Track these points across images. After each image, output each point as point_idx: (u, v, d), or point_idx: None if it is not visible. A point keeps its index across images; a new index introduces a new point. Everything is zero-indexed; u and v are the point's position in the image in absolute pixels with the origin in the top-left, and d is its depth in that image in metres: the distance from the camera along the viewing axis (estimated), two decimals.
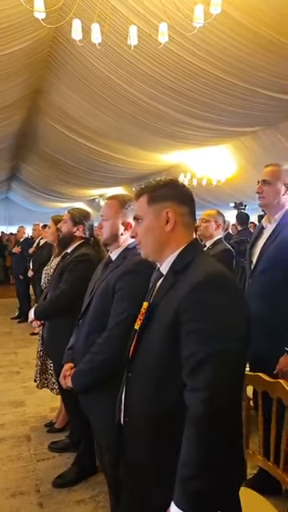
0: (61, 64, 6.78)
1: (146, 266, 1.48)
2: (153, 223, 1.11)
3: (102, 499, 2.16)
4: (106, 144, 9.25)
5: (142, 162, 9.98)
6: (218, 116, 6.66)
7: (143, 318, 1.06)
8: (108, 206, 1.59)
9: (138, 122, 7.60)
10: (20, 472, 2.40)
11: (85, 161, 10.60)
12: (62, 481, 2.27)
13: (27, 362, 4.25)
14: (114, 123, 7.91)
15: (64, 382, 1.61)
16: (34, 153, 11.64)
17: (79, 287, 2.16)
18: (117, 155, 9.77)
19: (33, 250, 5.52)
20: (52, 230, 2.78)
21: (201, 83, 5.72)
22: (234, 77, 5.31)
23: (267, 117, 6.61)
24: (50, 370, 2.76)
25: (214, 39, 4.64)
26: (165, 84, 6.00)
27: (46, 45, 6.35)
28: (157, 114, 7.10)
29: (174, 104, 6.58)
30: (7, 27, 5.10)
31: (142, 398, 1.03)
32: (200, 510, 0.90)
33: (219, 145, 8.57)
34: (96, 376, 1.45)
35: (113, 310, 1.45)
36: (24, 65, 6.50)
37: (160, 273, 1.14)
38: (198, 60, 5.16)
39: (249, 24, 4.24)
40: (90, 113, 7.83)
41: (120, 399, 1.16)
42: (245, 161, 8.60)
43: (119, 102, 7.02)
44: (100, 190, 14.51)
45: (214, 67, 5.21)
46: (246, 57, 4.81)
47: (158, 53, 5.24)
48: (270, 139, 7.49)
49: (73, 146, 9.82)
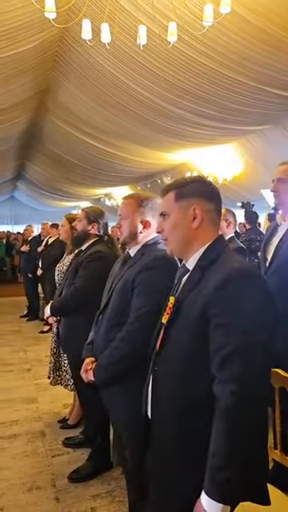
0: (68, 64, 6.80)
1: (163, 262, 1.51)
2: (179, 219, 1.12)
3: (117, 494, 2.19)
4: (113, 143, 9.27)
5: (148, 160, 9.99)
6: (226, 115, 6.65)
7: (171, 313, 1.07)
8: (125, 205, 1.61)
9: (145, 121, 7.62)
10: (36, 467, 2.43)
11: (91, 160, 10.64)
12: (77, 476, 2.29)
13: (38, 360, 4.29)
14: (121, 122, 7.93)
15: (85, 376, 1.63)
16: (40, 152, 11.69)
17: (94, 284, 2.20)
18: (123, 154, 9.79)
19: (42, 249, 5.56)
20: (66, 228, 2.81)
21: (209, 82, 5.72)
22: (242, 75, 5.30)
23: (275, 115, 6.59)
24: (64, 367, 2.79)
25: (223, 38, 4.65)
26: (172, 83, 6.01)
27: (54, 44, 6.38)
28: (164, 113, 7.11)
29: (182, 103, 6.58)
30: (17, 26, 5.14)
31: (170, 390, 1.05)
32: (230, 499, 0.92)
33: (226, 143, 8.56)
34: (117, 370, 1.47)
35: (132, 305, 1.47)
36: (32, 64, 6.54)
37: (186, 268, 1.15)
38: (205, 58, 5.16)
39: (258, 23, 4.24)
40: (97, 112, 7.85)
41: (146, 392, 1.18)
42: (251, 159, 8.59)
43: (126, 101, 7.04)
44: (106, 190, 14.54)
45: (222, 66, 5.21)
46: (254, 55, 4.80)
47: (166, 52, 5.24)
48: (277, 137, 7.47)
49: (79, 145, 9.85)
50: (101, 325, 1.61)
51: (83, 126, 8.75)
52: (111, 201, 14.63)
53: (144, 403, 1.20)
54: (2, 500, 2.13)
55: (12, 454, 2.56)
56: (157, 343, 1.14)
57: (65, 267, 2.76)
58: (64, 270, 2.75)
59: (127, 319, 1.48)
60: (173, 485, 1.06)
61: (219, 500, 0.91)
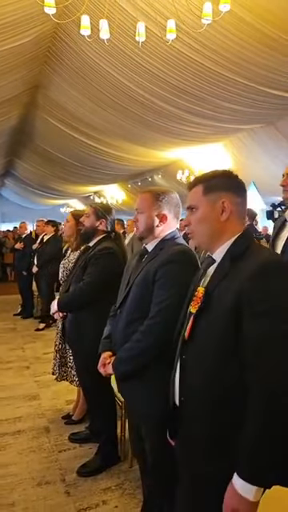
0: (61, 60, 6.75)
1: (184, 256, 1.54)
2: (208, 213, 1.15)
3: (127, 487, 2.21)
4: (104, 141, 9.25)
5: (139, 158, 10.00)
6: (219, 113, 6.72)
7: (201, 302, 1.10)
8: (142, 200, 1.63)
9: (137, 119, 7.63)
10: (43, 462, 2.43)
11: (82, 157, 10.58)
12: (86, 470, 2.31)
13: (36, 357, 4.28)
14: (114, 120, 7.92)
15: (103, 370, 1.65)
16: (29, 149, 11.57)
17: (103, 279, 2.22)
18: (114, 152, 9.77)
19: (37, 246, 5.52)
20: (71, 224, 2.81)
21: (203, 80, 5.76)
22: (237, 74, 5.37)
23: (267, 114, 6.69)
24: (70, 363, 2.79)
25: (219, 37, 4.69)
26: (167, 81, 6.03)
27: (47, 40, 6.33)
28: (157, 111, 7.13)
29: (175, 101, 6.61)
30: (11, 21, 5.08)
31: (201, 377, 1.08)
32: (264, 482, 0.95)
33: (217, 142, 8.64)
34: (138, 363, 1.49)
35: (154, 299, 1.49)
36: (24, 60, 6.47)
37: (212, 259, 1.18)
38: (201, 57, 5.20)
39: (255, 23, 4.29)
40: (89, 109, 7.82)
41: (173, 380, 1.21)
42: (242, 157, 8.69)
43: (119, 99, 7.03)
44: (96, 187, 14.50)
45: (217, 65, 5.26)
46: (250, 54, 4.86)
47: (161, 50, 5.27)
48: (268, 136, 7.58)
49: (70, 142, 9.79)
50: (119, 319, 1.62)
51: (75, 123, 8.70)
52: (101, 198, 14.58)
53: (171, 392, 1.23)
54: (12, 495, 2.13)
55: (18, 450, 2.56)
56: (184, 332, 1.16)
57: (70, 264, 2.76)
58: (69, 267, 2.75)
59: (148, 313, 1.50)
60: (202, 470, 1.08)
61: (254, 483, 0.95)
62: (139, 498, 2.09)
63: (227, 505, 0.98)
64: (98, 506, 2.07)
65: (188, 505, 1.12)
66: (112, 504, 2.08)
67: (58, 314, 2.42)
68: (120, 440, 2.46)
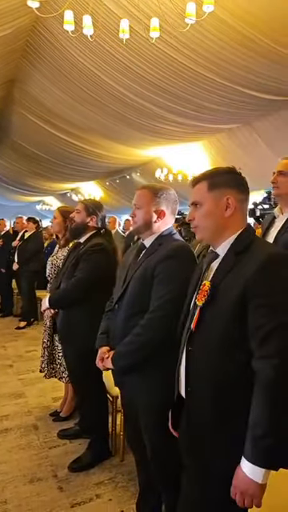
0: (39, 54, 6.65)
1: (183, 251, 1.58)
2: (213, 209, 1.19)
3: (120, 480, 2.24)
4: (83, 137, 9.18)
5: (118, 156, 9.98)
6: (199, 113, 6.80)
7: (208, 295, 1.14)
8: (141, 195, 1.65)
9: (117, 116, 7.61)
10: (33, 459, 2.42)
11: (59, 154, 10.45)
12: (78, 465, 2.32)
13: (19, 356, 4.23)
14: (93, 116, 7.87)
15: (102, 365, 1.66)
16: (4, 144, 11.33)
17: (95, 276, 2.23)
18: (93, 149, 9.71)
19: (16, 243, 5.44)
20: (58, 221, 2.79)
21: (183, 80, 5.83)
22: (216, 75, 5.46)
23: (245, 114, 6.83)
24: (59, 360, 2.78)
25: (200, 38, 4.76)
26: (147, 79, 6.06)
27: (26, 34, 6.22)
28: (137, 109, 7.14)
29: (155, 99, 6.65)
30: None
31: (207, 368, 1.12)
32: (272, 465, 1.01)
33: (196, 141, 8.75)
34: (138, 357, 1.52)
35: (154, 293, 1.52)
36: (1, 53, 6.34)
37: (215, 254, 1.22)
38: (182, 57, 5.26)
39: (236, 25, 4.38)
40: (68, 105, 7.74)
41: (178, 372, 1.25)
42: (219, 157, 8.82)
43: (99, 96, 7.00)
44: (73, 184, 14.35)
45: (198, 65, 5.34)
46: (230, 56, 4.96)
47: (143, 48, 5.30)
48: (245, 137, 7.74)
49: (47, 138, 9.65)
50: (117, 314, 1.64)
51: (53, 119, 8.58)
52: (78, 196, 14.45)
53: (176, 383, 1.26)
54: (4, 493, 2.11)
55: (7, 448, 2.53)
56: (190, 324, 1.20)
57: (59, 260, 2.75)
58: (58, 263, 2.74)
59: (147, 307, 1.53)
60: (209, 457, 1.13)
61: (263, 466, 1.00)
62: (132, 491, 2.13)
63: (236, 488, 1.03)
64: (91, 500, 2.08)
65: (195, 492, 1.16)
66: (106, 497, 2.10)
67: (49, 311, 2.40)
68: (111, 435, 2.48)
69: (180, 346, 1.26)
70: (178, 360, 1.27)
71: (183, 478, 1.28)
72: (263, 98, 5.89)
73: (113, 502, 2.07)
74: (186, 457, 1.24)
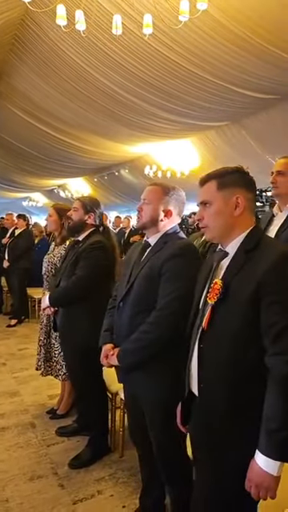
0: (27, 48, 6.56)
1: (190, 250, 1.60)
2: (222, 208, 1.21)
3: (120, 476, 2.26)
4: (71, 133, 9.10)
5: (106, 152, 9.93)
6: (188, 110, 6.83)
7: (220, 293, 1.16)
8: (151, 191, 1.66)
9: (106, 112, 7.57)
10: (32, 457, 2.42)
11: (47, 149, 10.33)
12: (78, 462, 2.33)
13: (11, 354, 4.20)
14: (81, 112, 7.80)
15: (106, 362, 1.67)
16: None
17: (95, 273, 2.24)
18: (81, 145, 9.63)
19: (6, 240, 5.37)
20: (54, 218, 2.77)
21: (174, 77, 5.84)
22: (207, 73, 5.48)
23: (234, 112, 6.89)
24: (55, 358, 2.78)
25: (193, 36, 4.77)
26: (138, 76, 6.04)
27: (13, 27, 6.12)
28: (126, 105, 7.12)
29: (145, 96, 6.64)
30: None
31: (221, 365, 1.14)
32: (285, 456, 1.04)
33: (185, 138, 8.77)
34: (145, 354, 1.53)
35: (161, 291, 1.53)
36: None
37: (224, 252, 1.24)
38: (173, 54, 5.27)
39: (229, 24, 4.41)
40: (56, 100, 7.66)
41: (188, 369, 1.27)
42: (208, 154, 8.88)
43: (89, 91, 6.95)
44: (60, 181, 14.21)
45: (189, 62, 5.35)
46: (222, 54, 4.99)
47: (134, 45, 5.29)
48: (234, 134, 7.80)
49: (34, 133, 9.52)
50: (122, 312, 1.65)
51: (40, 114, 8.48)
52: (66, 192, 14.33)
53: (187, 380, 1.28)
54: (5, 492, 2.11)
55: (5, 447, 2.52)
56: (201, 323, 1.22)
57: (55, 258, 2.73)
58: (55, 261, 2.73)
59: (153, 305, 1.54)
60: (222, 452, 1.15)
61: (277, 458, 1.03)
62: (133, 486, 2.15)
63: (251, 481, 1.06)
64: (93, 496, 2.10)
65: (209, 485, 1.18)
66: (107, 493, 2.12)
67: (49, 309, 2.39)
68: (110, 431, 2.50)
69: (190, 343, 1.28)
70: (187, 357, 1.29)
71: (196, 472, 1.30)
72: (253, 97, 5.95)
73: (114, 498, 2.09)
74: (198, 451, 1.27)
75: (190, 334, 1.30)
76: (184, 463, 1.61)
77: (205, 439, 1.20)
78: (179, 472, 1.63)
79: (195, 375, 1.23)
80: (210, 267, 1.31)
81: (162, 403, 1.51)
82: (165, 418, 1.48)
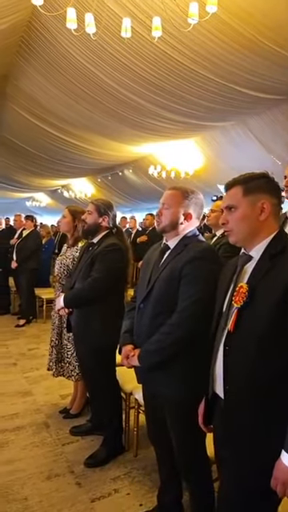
0: (34, 50, 6.59)
1: (211, 253, 1.63)
2: (248, 212, 1.24)
3: (135, 475, 2.30)
4: (75, 133, 9.13)
5: (110, 152, 9.97)
6: (192, 110, 6.86)
7: (245, 297, 1.19)
8: (171, 196, 1.69)
9: (111, 113, 7.60)
10: (48, 456, 2.46)
11: (51, 150, 10.38)
12: (93, 461, 2.37)
13: (22, 354, 4.24)
14: (86, 113, 7.84)
15: (127, 362, 1.70)
16: None
17: (111, 275, 2.28)
18: (85, 145, 9.67)
19: (15, 241, 5.41)
20: (67, 220, 2.81)
21: (179, 77, 5.86)
22: (212, 73, 5.51)
23: (238, 112, 6.91)
24: (67, 359, 2.81)
25: (198, 36, 4.79)
26: (143, 76, 6.07)
27: (20, 29, 6.16)
28: (131, 106, 7.15)
29: (150, 96, 6.67)
30: None
31: (247, 367, 1.17)
32: None
33: (189, 138, 8.80)
34: (166, 355, 1.56)
35: (182, 294, 1.56)
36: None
37: (248, 256, 1.28)
38: (179, 55, 5.30)
39: (234, 24, 4.43)
40: (61, 101, 7.70)
41: (212, 371, 1.30)
42: (212, 154, 8.90)
43: (94, 92, 6.98)
44: (64, 181, 14.25)
45: (194, 63, 5.38)
46: (227, 55, 5.02)
47: (140, 47, 5.31)
48: (239, 134, 7.83)
49: (39, 134, 9.57)
50: (143, 313, 1.68)
51: (45, 115, 8.52)
52: (69, 192, 14.37)
53: (211, 381, 1.31)
54: (24, 490, 2.15)
55: (21, 446, 2.56)
56: (226, 325, 1.25)
57: (68, 260, 2.77)
58: (67, 263, 2.76)
59: (174, 307, 1.57)
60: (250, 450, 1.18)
61: None
62: (149, 485, 2.19)
63: (277, 479, 1.09)
64: (110, 494, 2.13)
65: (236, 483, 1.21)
66: (124, 492, 2.16)
67: (63, 310, 2.43)
68: (124, 430, 2.53)
69: (214, 345, 1.31)
70: (210, 358, 1.32)
71: (222, 472, 1.33)
72: (258, 97, 5.97)
73: (131, 496, 2.12)
74: (223, 450, 1.30)
75: (214, 336, 1.33)
76: (204, 461, 1.65)
77: (230, 439, 1.23)
78: (199, 470, 1.66)
79: (220, 376, 1.26)
80: (232, 271, 1.33)
81: (184, 403, 1.54)
82: (186, 418, 1.52)
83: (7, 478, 2.23)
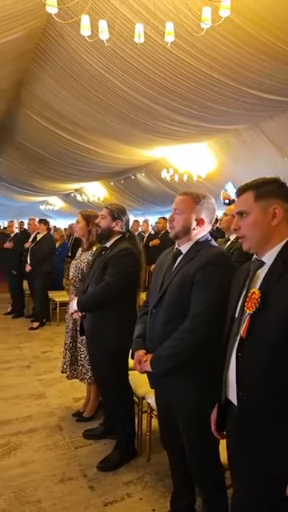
0: (49, 57, 6.69)
1: (224, 258, 1.63)
2: (260, 218, 1.24)
3: (148, 479, 2.29)
4: (88, 138, 9.22)
5: (123, 156, 10.03)
6: (205, 113, 6.85)
7: (258, 303, 1.19)
8: (182, 201, 1.69)
9: (124, 117, 7.66)
10: (62, 459, 2.48)
11: (65, 154, 10.50)
12: (106, 465, 2.37)
13: (35, 357, 4.28)
14: (100, 117, 7.91)
15: (140, 367, 1.71)
16: (9, 145, 11.36)
17: (125, 279, 2.29)
18: (98, 149, 9.75)
19: (29, 245, 5.48)
20: (81, 225, 2.83)
21: (191, 81, 5.88)
22: (226, 76, 5.51)
23: (253, 115, 6.89)
24: (81, 362, 2.83)
25: (212, 41, 4.80)
26: (156, 81, 6.10)
27: (36, 37, 6.26)
28: (144, 110, 7.19)
29: (163, 100, 6.70)
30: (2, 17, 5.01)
31: (261, 373, 1.16)
32: None
33: (202, 141, 8.79)
34: (179, 360, 1.56)
35: (194, 299, 1.56)
36: (11, 56, 6.38)
37: (260, 262, 1.27)
38: (191, 59, 5.31)
39: (248, 28, 4.43)
40: (75, 106, 7.78)
41: (225, 377, 1.29)
42: (225, 157, 8.88)
43: (107, 97, 7.04)
44: (77, 185, 14.38)
45: (207, 66, 5.38)
46: (241, 58, 5.01)
47: (153, 51, 5.34)
48: (252, 137, 7.79)
49: (53, 139, 9.70)
50: (155, 318, 1.69)
51: (59, 120, 8.63)
52: (82, 196, 14.48)
53: (224, 388, 1.31)
54: (37, 492, 2.17)
55: (34, 448, 2.58)
56: (238, 331, 1.24)
57: (83, 264, 2.79)
58: (82, 267, 2.79)
59: (186, 312, 1.57)
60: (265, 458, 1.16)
61: None
62: (162, 491, 2.18)
63: None
64: (123, 499, 2.13)
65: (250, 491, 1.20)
66: (136, 496, 2.15)
67: (76, 313, 2.45)
68: (137, 435, 2.53)
69: (226, 351, 1.31)
70: (223, 364, 1.32)
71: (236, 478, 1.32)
72: (272, 99, 5.94)
73: (144, 501, 2.12)
74: (237, 458, 1.29)
75: (226, 342, 1.33)
76: (217, 468, 1.64)
77: (244, 446, 1.22)
78: (212, 476, 1.65)
79: (233, 383, 1.25)
80: (245, 276, 1.33)
81: (197, 408, 1.54)
82: (199, 424, 1.51)
83: (21, 481, 2.26)
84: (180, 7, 4.27)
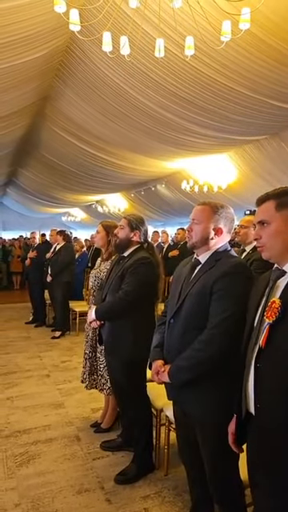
0: (72, 73, 6.87)
1: (243, 268, 1.61)
2: (282, 227, 1.22)
3: (166, 494, 2.25)
4: (109, 150, 9.37)
5: (144, 168, 10.12)
6: (225, 125, 6.86)
7: (278, 312, 1.16)
8: (200, 211, 1.69)
9: (144, 130, 7.75)
10: (79, 470, 2.47)
11: (86, 167, 10.69)
12: (124, 478, 2.35)
13: (55, 366, 4.31)
14: (120, 130, 8.04)
15: (158, 378, 1.69)
16: (33, 158, 11.67)
17: (142, 289, 2.28)
18: (119, 161, 9.89)
19: (50, 255, 5.58)
20: (102, 235, 2.87)
21: (211, 92, 5.90)
22: (245, 87, 5.51)
23: (272, 126, 6.84)
24: (100, 372, 2.83)
25: (231, 52, 4.82)
26: (176, 93, 6.16)
27: (60, 54, 6.46)
28: (164, 122, 7.26)
29: (182, 112, 6.75)
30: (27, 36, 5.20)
31: (280, 385, 1.13)
32: None
33: (223, 153, 8.78)
34: (197, 371, 1.54)
35: (213, 310, 1.54)
36: (37, 73, 6.59)
37: (281, 271, 1.25)
38: (212, 72, 5.34)
39: (267, 39, 4.43)
40: (96, 119, 7.94)
41: (245, 388, 1.27)
42: (247, 168, 8.83)
43: (128, 110, 7.15)
44: (98, 196, 14.57)
45: (227, 78, 5.40)
46: (260, 69, 5.01)
47: (173, 64, 5.41)
48: (274, 148, 7.73)
49: (74, 151, 9.90)
50: (173, 328, 1.68)
51: (81, 133, 8.81)
52: (103, 207, 14.65)
53: (244, 400, 1.28)
54: (54, 503, 2.16)
55: (52, 458, 2.59)
56: (257, 341, 1.22)
57: (102, 273, 2.81)
58: (101, 276, 2.81)
59: (205, 322, 1.55)
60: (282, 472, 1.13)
61: None
62: (180, 506, 2.14)
63: None
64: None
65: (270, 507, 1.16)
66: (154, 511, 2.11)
67: (95, 322, 2.46)
68: (155, 448, 2.50)
69: (245, 362, 1.28)
70: (242, 375, 1.29)
71: (256, 494, 1.28)
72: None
73: None
74: (256, 475, 1.25)
75: (245, 352, 1.30)
76: (237, 485, 1.59)
77: (264, 462, 1.19)
78: (232, 494, 1.61)
79: (252, 394, 1.22)
80: (265, 285, 1.31)
81: (216, 422, 1.50)
82: (218, 438, 1.48)
83: (39, 490, 2.26)
84: (200, 21, 4.33)
